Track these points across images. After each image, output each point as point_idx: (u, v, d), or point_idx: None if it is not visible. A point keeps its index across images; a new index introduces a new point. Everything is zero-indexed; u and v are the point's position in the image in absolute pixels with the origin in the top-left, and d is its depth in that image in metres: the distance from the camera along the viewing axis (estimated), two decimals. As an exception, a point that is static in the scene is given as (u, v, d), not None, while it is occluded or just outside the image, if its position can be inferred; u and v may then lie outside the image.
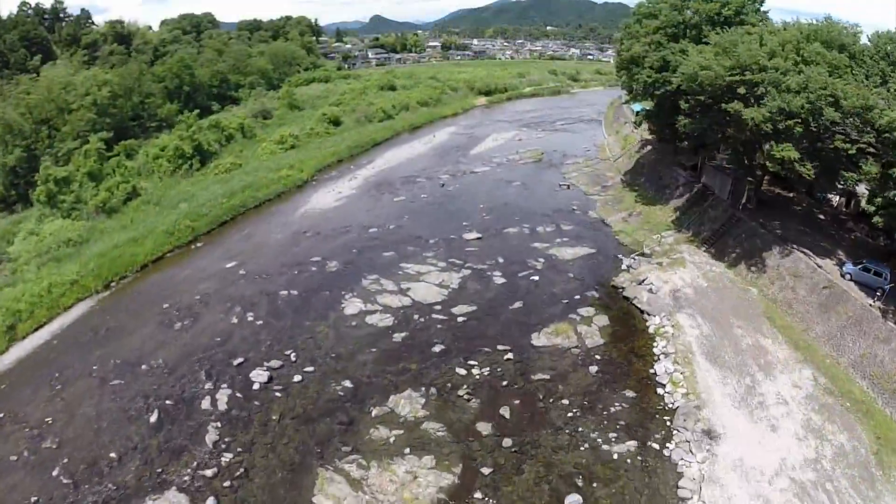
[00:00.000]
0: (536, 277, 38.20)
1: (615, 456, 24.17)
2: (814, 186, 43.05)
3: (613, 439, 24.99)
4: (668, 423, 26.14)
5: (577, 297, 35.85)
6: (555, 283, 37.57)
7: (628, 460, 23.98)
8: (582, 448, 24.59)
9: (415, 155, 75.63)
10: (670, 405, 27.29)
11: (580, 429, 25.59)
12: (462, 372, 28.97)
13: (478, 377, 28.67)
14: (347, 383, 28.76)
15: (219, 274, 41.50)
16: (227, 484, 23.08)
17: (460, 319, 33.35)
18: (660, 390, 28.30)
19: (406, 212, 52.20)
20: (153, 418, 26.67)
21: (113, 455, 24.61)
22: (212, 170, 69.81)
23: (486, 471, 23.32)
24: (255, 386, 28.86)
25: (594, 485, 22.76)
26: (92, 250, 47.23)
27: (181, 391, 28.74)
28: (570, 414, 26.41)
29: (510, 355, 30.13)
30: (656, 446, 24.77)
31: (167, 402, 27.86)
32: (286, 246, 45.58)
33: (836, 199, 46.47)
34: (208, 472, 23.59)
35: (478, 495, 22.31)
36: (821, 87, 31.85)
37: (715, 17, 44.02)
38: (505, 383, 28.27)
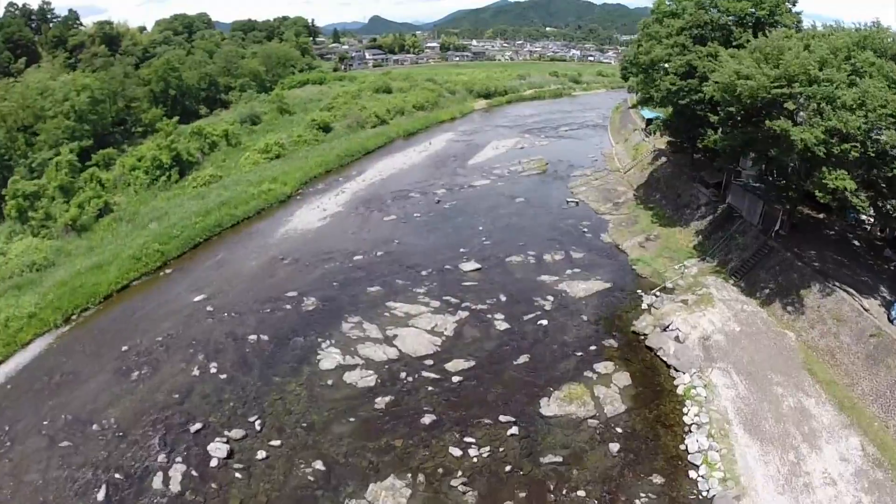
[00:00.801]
0: (545, 322, 32.96)
1: (643, 570, 19.25)
2: (847, 209, 38.31)
3: (641, 547, 20.05)
4: (705, 520, 21.27)
5: (593, 347, 30.69)
6: (566, 329, 32.40)
7: (660, 576, 19.07)
8: (604, 561, 19.66)
9: (408, 165, 70.46)
10: (705, 493, 22.32)
11: (601, 531, 20.66)
12: (457, 452, 23.83)
13: (475, 460, 23.53)
14: (319, 464, 23.74)
15: (185, 310, 36.66)
16: None
17: (455, 379, 28.14)
18: (692, 473, 23.28)
19: (396, 234, 46.99)
20: (101, 495, 22.65)
21: (55, 542, 20.14)
22: (190, 182, 64.76)
23: None
24: (213, 462, 24.10)
25: None
26: (55, 277, 42.89)
27: (132, 462, 24.37)
28: (588, 511, 21.44)
29: (514, 429, 24.98)
30: (692, 554, 19.87)
31: (116, 475, 23.67)
32: (261, 276, 40.55)
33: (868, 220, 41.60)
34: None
35: None
36: (880, 105, 26.82)
37: (746, 18, 38.93)
38: (508, 468, 23.15)
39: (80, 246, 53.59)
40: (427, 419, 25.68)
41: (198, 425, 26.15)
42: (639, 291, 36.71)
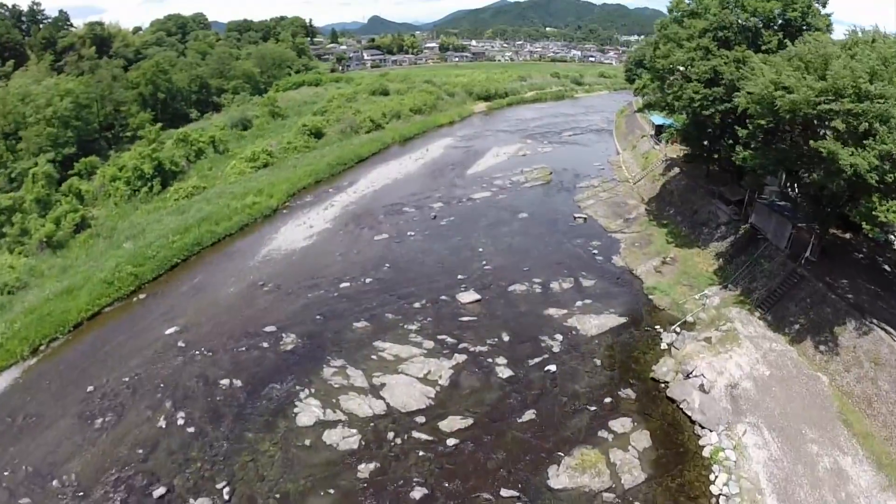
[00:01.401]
0: (553, 367, 28.93)
1: None
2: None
3: None
4: None
5: (608, 399, 26.79)
6: (577, 377, 28.46)
7: None
8: None
9: (403, 175, 66.51)
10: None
11: None
12: (452, 540, 20.25)
13: (474, 549, 19.94)
14: (290, 550, 20.17)
15: (155, 344, 33.17)
16: None
17: (451, 442, 24.25)
18: (723, 559, 19.74)
19: (387, 257, 42.93)
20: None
21: None
22: (171, 194, 61.04)
23: None
24: (177, 540, 20.73)
25: None
26: (24, 302, 39.78)
27: (90, 530, 20.84)
28: None
29: (520, 508, 21.36)
30: None
31: (73, 545, 20.10)
32: (238, 306, 36.84)
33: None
34: None
35: None
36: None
37: (774, 20, 35.08)
38: (512, 560, 19.56)
39: (53, 265, 50.46)
40: (417, 493, 21.90)
41: (161, 489, 22.77)
42: (657, 327, 32.82)
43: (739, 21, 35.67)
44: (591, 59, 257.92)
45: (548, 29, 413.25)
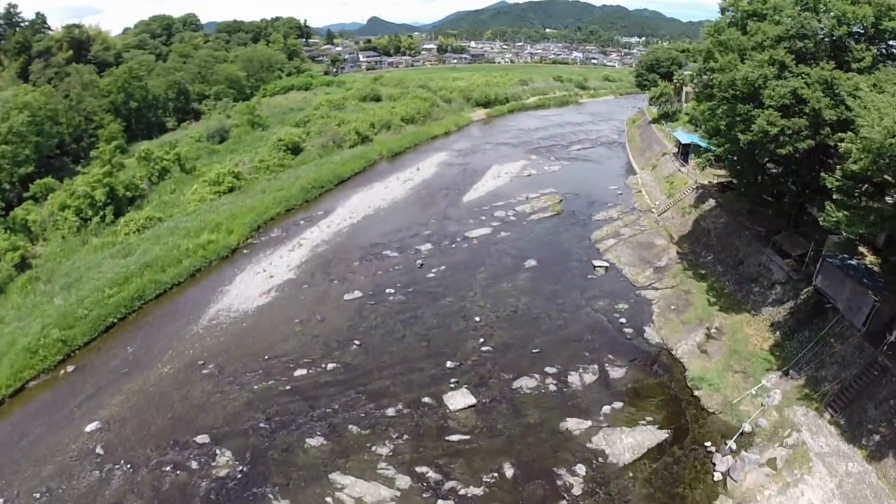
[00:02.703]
0: (575, 526, 20.88)
1: None
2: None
3: None
4: None
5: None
6: (609, 541, 20.43)
7: None
8: None
9: (388, 202, 57.96)
10: None
11: None
12: None
13: None
14: None
15: (73, 445, 26.16)
16: None
17: None
18: None
19: (358, 328, 33.97)
20: None
21: None
22: (122, 228, 52.93)
23: None
24: None
25: None
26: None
27: None
28: None
29: None
30: None
31: None
32: (170, 396, 28.77)
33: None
34: None
35: None
36: None
37: (867, 31, 26.86)
38: None
39: (-12, 317, 42.78)
40: None
41: None
42: (707, 444, 24.40)
43: (823, 30, 26.99)
44: (593, 61, 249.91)
45: (548, 30, 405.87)
